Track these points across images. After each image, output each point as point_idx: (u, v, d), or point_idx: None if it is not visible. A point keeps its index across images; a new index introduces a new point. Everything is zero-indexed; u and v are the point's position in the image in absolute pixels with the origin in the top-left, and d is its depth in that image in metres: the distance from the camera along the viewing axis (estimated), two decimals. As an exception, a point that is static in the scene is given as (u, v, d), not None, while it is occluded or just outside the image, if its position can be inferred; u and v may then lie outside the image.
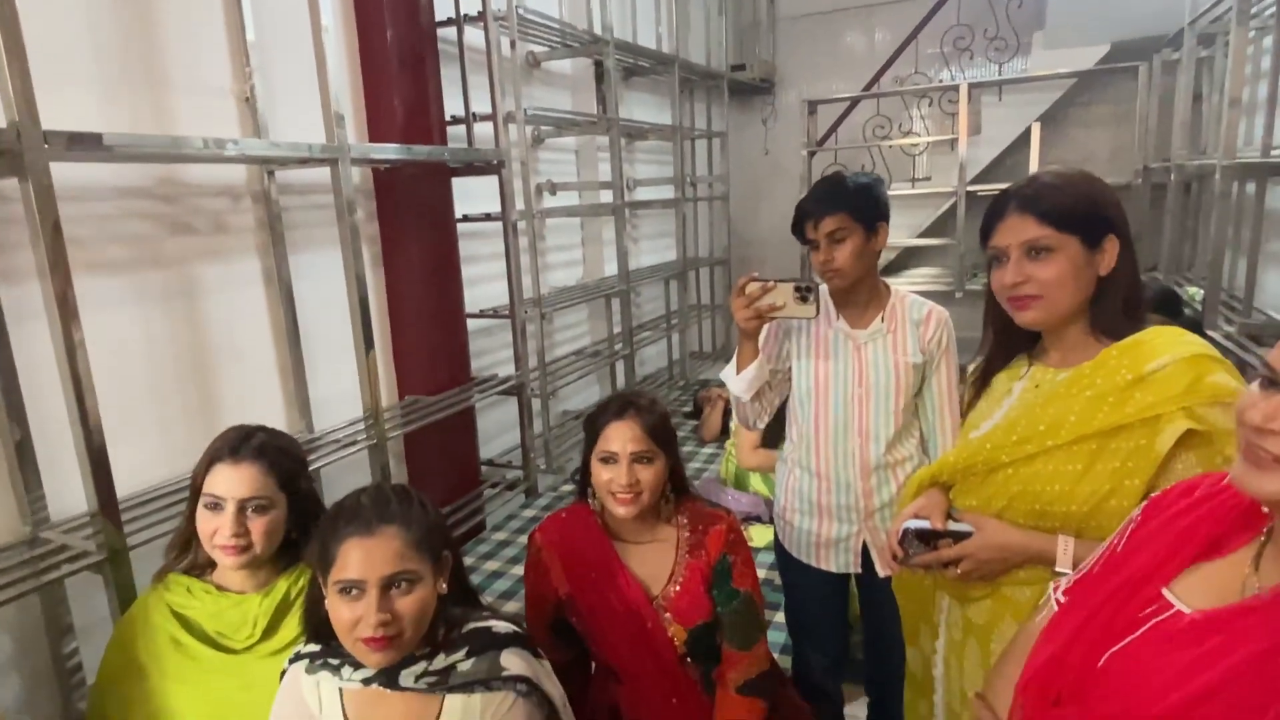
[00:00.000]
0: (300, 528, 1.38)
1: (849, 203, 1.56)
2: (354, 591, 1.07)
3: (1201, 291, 3.26)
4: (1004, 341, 1.28)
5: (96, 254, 2.06)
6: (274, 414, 2.58)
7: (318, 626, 1.16)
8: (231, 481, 1.30)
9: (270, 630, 1.35)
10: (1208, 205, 3.82)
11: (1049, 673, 0.85)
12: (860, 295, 1.64)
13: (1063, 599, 0.94)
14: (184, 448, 2.24)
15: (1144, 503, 0.93)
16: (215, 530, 1.30)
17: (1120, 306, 1.13)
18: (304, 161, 2.35)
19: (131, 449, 2.12)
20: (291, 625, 1.34)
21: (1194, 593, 0.79)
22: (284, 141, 2.24)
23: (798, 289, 1.52)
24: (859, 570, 1.70)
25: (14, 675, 1.93)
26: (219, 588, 1.38)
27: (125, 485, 2.03)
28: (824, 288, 1.64)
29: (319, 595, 1.13)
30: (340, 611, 1.08)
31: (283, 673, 1.20)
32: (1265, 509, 0.79)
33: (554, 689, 1.20)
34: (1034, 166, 4.78)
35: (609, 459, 1.42)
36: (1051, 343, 1.21)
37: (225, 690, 1.33)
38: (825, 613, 1.82)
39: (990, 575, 1.19)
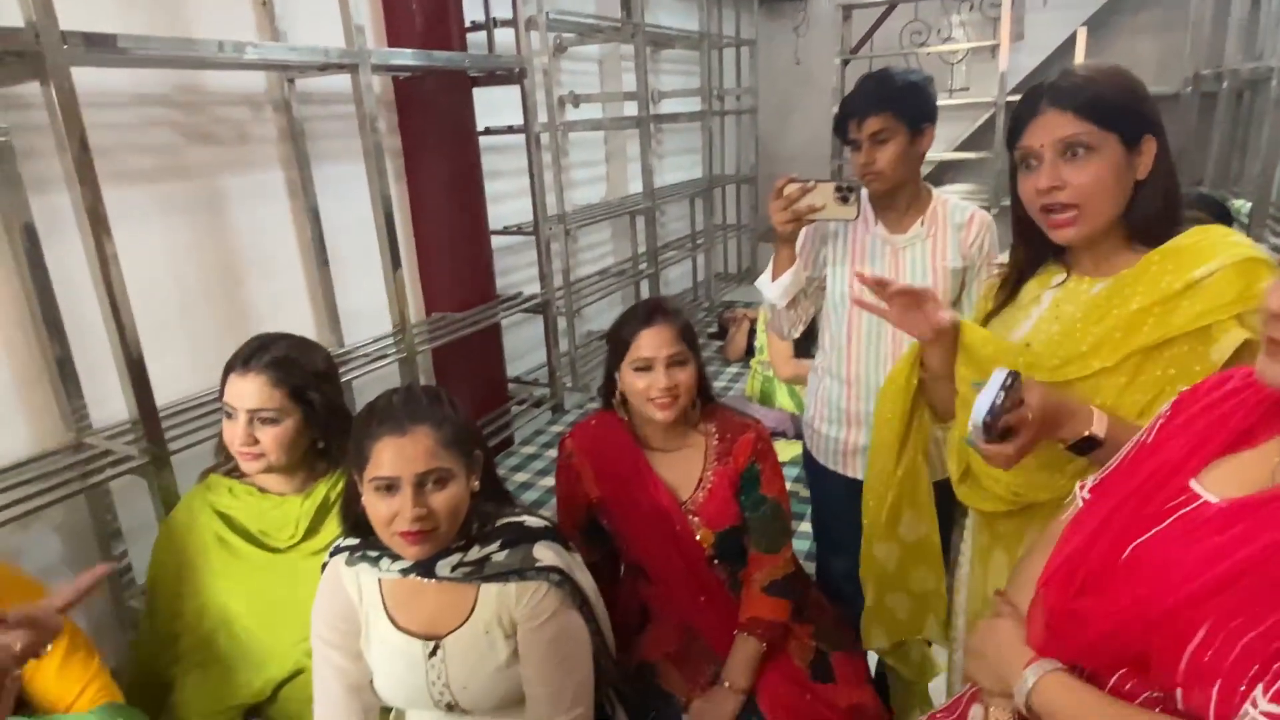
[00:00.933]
0: (327, 436, 1.40)
1: (895, 102, 1.49)
2: (390, 488, 1.09)
3: (1249, 205, 3.14)
4: (1033, 248, 1.18)
5: (120, 164, 2.05)
6: (304, 327, 2.60)
7: (355, 522, 1.19)
8: (241, 392, 1.32)
9: (312, 531, 1.40)
10: (1259, 114, 3.63)
11: (1072, 566, 0.84)
12: (901, 199, 1.58)
13: (1088, 495, 0.93)
14: (217, 359, 2.25)
15: (1174, 397, 0.90)
16: (232, 437, 1.34)
17: (1159, 212, 1.05)
18: (323, 68, 2.30)
19: (167, 361, 2.16)
20: (332, 527, 1.38)
21: (1222, 484, 0.78)
22: (304, 46, 2.18)
23: (838, 189, 1.47)
24: (886, 479, 1.70)
25: (67, 577, 2.02)
26: (260, 489, 1.41)
27: (162, 395, 2.07)
28: (864, 191, 1.58)
29: (355, 493, 1.16)
30: (377, 507, 1.10)
31: (323, 566, 1.24)
32: None
33: (585, 579, 1.24)
34: (1078, 76, 4.56)
35: (645, 366, 1.40)
36: (1086, 253, 1.12)
37: (270, 586, 1.38)
38: (851, 520, 1.82)
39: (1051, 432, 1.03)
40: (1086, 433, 1.01)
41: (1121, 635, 0.76)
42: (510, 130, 3.22)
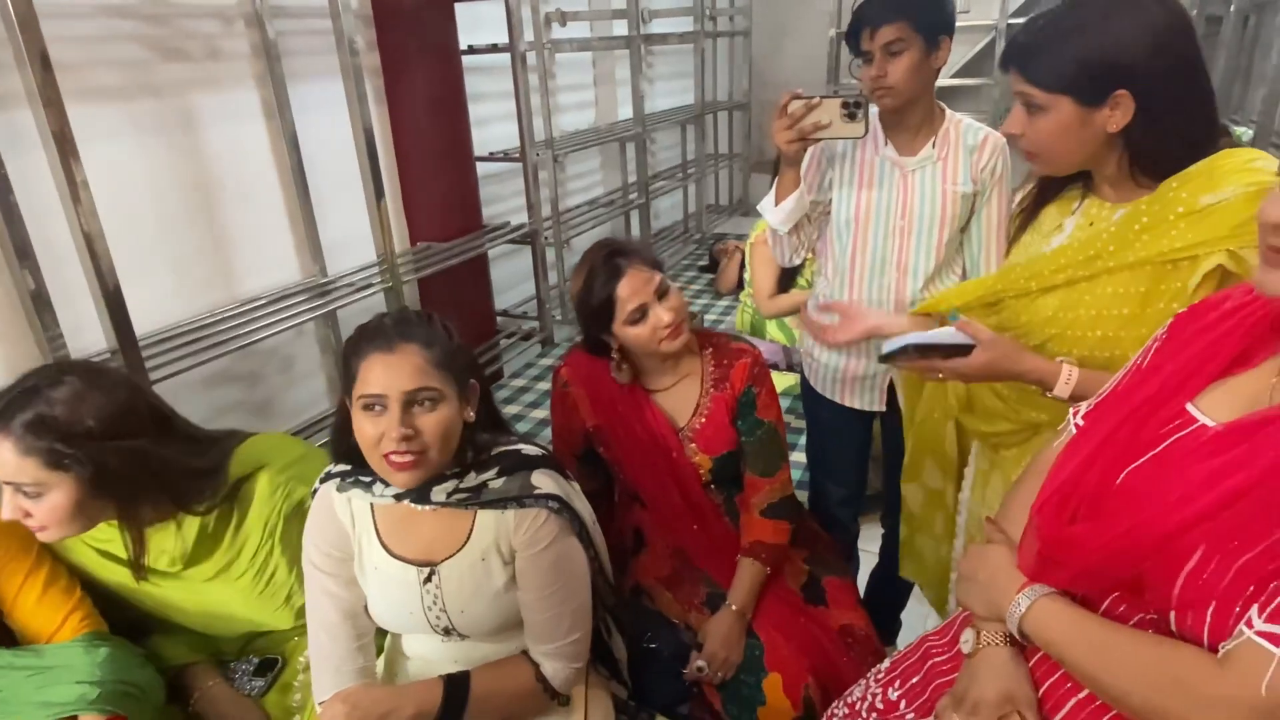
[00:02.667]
0: (131, 489, 1.16)
1: (911, 10, 1.39)
2: (377, 407, 1.06)
3: (1251, 132, 3.08)
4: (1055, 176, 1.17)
5: (85, 80, 1.95)
6: (286, 256, 2.54)
7: (346, 451, 1.16)
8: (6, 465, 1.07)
9: (193, 562, 1.27)
10: (1266, 40, 3.54)
11: (1066, 492, 0.84)
12: (912, 118, 1.50)
13: (1081, 422, 0.92)
14: (201, 286, 2.22)
15: (1170, 321, 0.88)
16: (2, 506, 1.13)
17: (1162, 154, 1.01)
18: (296, -22, 2.17)
19: (147, 287, 2.10)
20: (227, 553, 1.27)
21: (1219, 407, 0.77)
22: (274, -45, 2.06)
23: (845, 105, 1.39)
24: (884, 409, 1.69)
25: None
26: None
27: (145, 323, 2.02)
28: (874, 110, 1.51)
29: (345, 418, 1.13)
30: (364, 427, 1.07)
31: (313, 493, 1.22)
32: None
33: (584, 507, 1.23)
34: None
35: (638, 317, 1.37)
36: (1099, 178, 1.10)
37: (180, 600, 1.30)
38: (846, 448, 1.83)
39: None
40: (1049, 394, 1.02)
41: (1115, 560, 0.76)
42: (494, 49, 3.09)
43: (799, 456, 2.27)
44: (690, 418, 1.47)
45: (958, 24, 1.53)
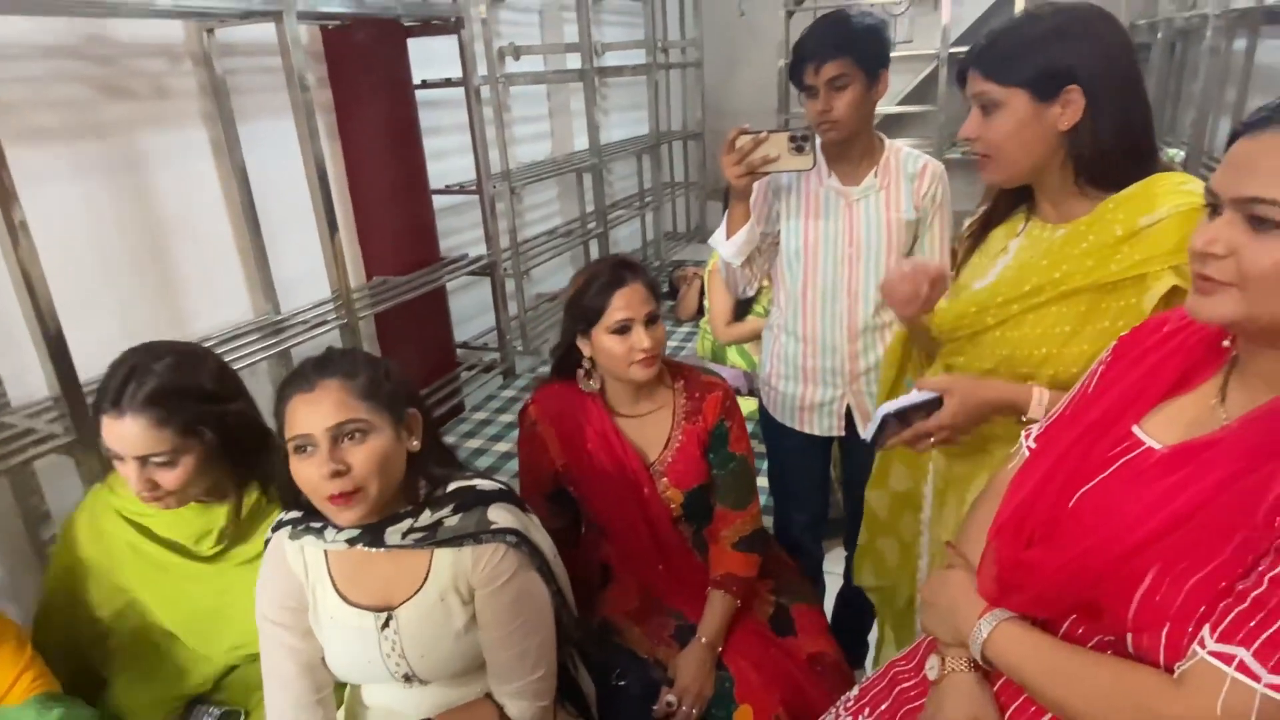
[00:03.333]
0: (242, 454, 1.22)
1: (854, 46, 1.45)
2: (308, 448, 1.04)
3: (1182, 154, 3.21)
4: (1006, 194, 1.21)
5: (26, 121, 1.90)
6: (237, 295, 2.49)
7: (295, 498, 1.14)
8: (120, 436, 1.11)
9: (238, 539, 1.28)
10: (1193, 64, 3.71)
11: (1021, 516, 0.85)
12: (855, 150, 1.56)
13: (1034, 445, 0.94)
14: (147, 327, 2.15)
15: (1114, 343, 0.91)
16: (127, 478, 1.16)
17: (1106, 158, 1.04)
18: (245, 16, 2.15)
19: (91, 331, 2.03)
20: (262, 535, 1.26)
21: (1164, 429, 0.80)
22: (221, -7, 2.04)
23: (792, 139, 1.43)
24: (843, 434, 1.71)
25: (-7, 562, 1.92)
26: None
27: (88, 368, 1.95)
28: (818, 141, 1.55)
29: (288, 468, 1.10)
30: (301, 471, 1.05)
31: (266, 543, 1.18)
32: (1226, 342, 0.78)
33: (543, 540, 1.21)
34: (1018, 27, 4.58)
35: (623, 328, 1.35)
36: (1043, 197, 1.14)
37: (196, 595, 1.28)
38: (808, 474, 1.84)
39: (969, 432, 1.16)
40: (1023, 418, 1.04)
41: (1071, 584, 0.77)
42: (448, 83, 3.10)
43: (763, 481, 2.28)
44: (661, 451, 1.46)
45: (902, 53, 1.59)
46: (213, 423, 1.16)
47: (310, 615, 1.16)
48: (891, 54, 1.55)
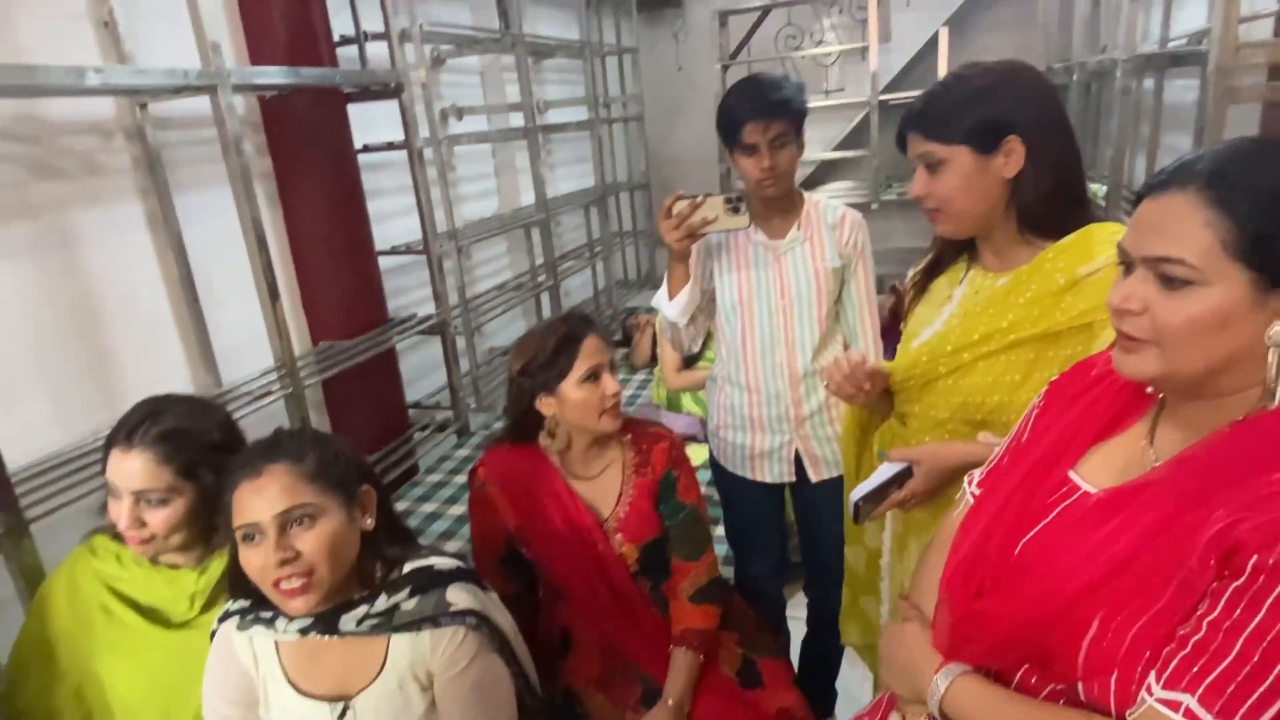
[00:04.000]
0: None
1: (789, 108, 1.52)
2: (255, 537, 1.02)
3: (1105, 188, 3.37)
4: (948, 244, 1.25)
5: (-52, 204, 1.85)
6: (176, 368, 2.42)
7: (244, 587, 1.10)
8: (124, 470, 1.18)
9: (210, 605, 1.26)
10: (1108, 103, 3.91)
11: (969, 566, 0.86)
12: (779, 204, 1.62)
13: (977, 491, 0.96)
14: (81, 411, 2.08)
15: (1045, 388, 0.94)
16: (117, 517, 1.20)
17: (1047, 204, 1.09)
18: (178, 91, 2.14)
19: (20, 416, 1.96)
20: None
21: (1099, 472, 0.81)
22: (154, 69, 2.03)
23: (728, 201, 1.48)
24: (793, 479, 1.73)
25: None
26: (152, 559, 1.27)
27: (17, 455, 1.88)
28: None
29: (236, 554, 1.07)
30: (248, 560, 1.03)
31: (212, 634, 1.14)
32: (1149, 388, 0.81)
33: (503, 619, 1.19)
34: (942, 72, 4.79)
35: (593, 375, 1.38)
36: (985, 245, 1.18)
37: (163, 664, 1.25)
38: (763, 522, 1.85)
39: (940, 492, 1.18)
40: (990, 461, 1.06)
41: (1021, 635, 0.78)
42: (391, 147, 3.11)
43: (719, 531, 2.27)
44: (614, 507, 1.46)
45: (835, 101, 1.67)
46: (211, 470, 1.19)
47: (261, 709, 1.11)
48: (824, 102, 1.62)
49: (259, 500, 1.02)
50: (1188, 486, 0.70)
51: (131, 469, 1.17)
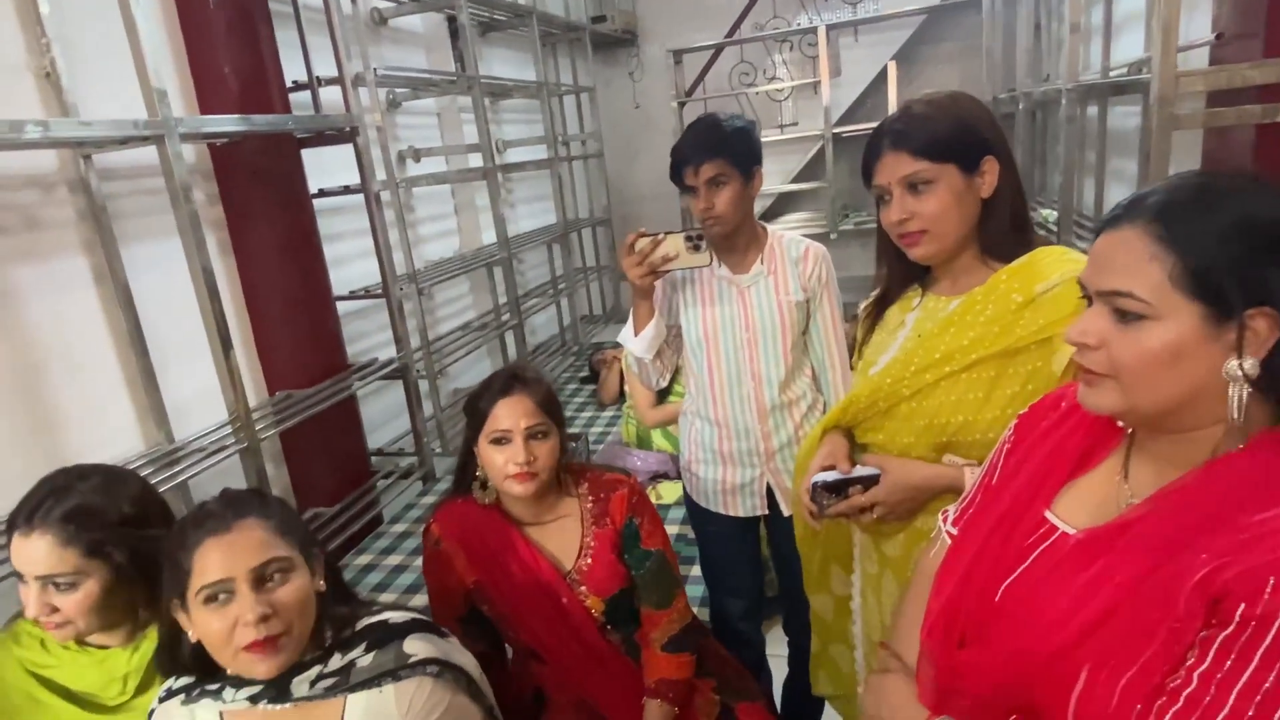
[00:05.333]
0: (150, 586, 1.15)
1: (727, 148, 1.52)
2: (221, 596, 0.97)
3: (1055, 214, 3.45)
4: (898, 274, 1.25)
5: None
6: (126, 426, 2.33)
7: (177, 663, 1.05)
8: (25, 557, 1.09)
9: (144, 687, 1.19)
10: (1054, 131, 4.03)
11: (950, 615, 0.84)
12: (740, 240, 1.62)
13: (954, 531, 0.94)
14: (18, 477, 1.97)
15: (1014, 422, 0.93)
16: (27, 604, 1.11)
17: (1008, 226, 1.12)
18: (124, 141, 2.09)
19: (-46, 485, 1.86)
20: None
21: (1075, 511, 0.80)
22: (98, 120, 1.97)
23: (689, 238, 1.48)
24: (765, 512, 1.71)
25: None
26: (79, 641, 1.19)
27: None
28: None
29: (175, 631, 1.02)
30: (210, 625, 0.97)
31: (150, 714, 1.07)
32: (1120, 421, 0.80)
33: (466, 660, 1.14)
34: (892, 105, 4.91)
35: (502, 439, 1.34)
36: (943, 271, 1.19)
37: None
38: (738, 558, 1.82)
39: (905, 515, 1.18)
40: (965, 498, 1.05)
41: (1007, 688, 0.76)
42: (347, 190, 3.07)
43: (695, 570, 2.23)
44: (576, 559, 1.41)
45: (790, 135, 1.68)
46: (124, 547, 1.13)
47: None
48: (779, 136, 1.63)
49: (231, 555, 0.97)
50: (1167, 530, 0.69)
51: (34, 554, 1.09)
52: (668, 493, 2.89)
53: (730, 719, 1.46)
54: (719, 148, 1.51)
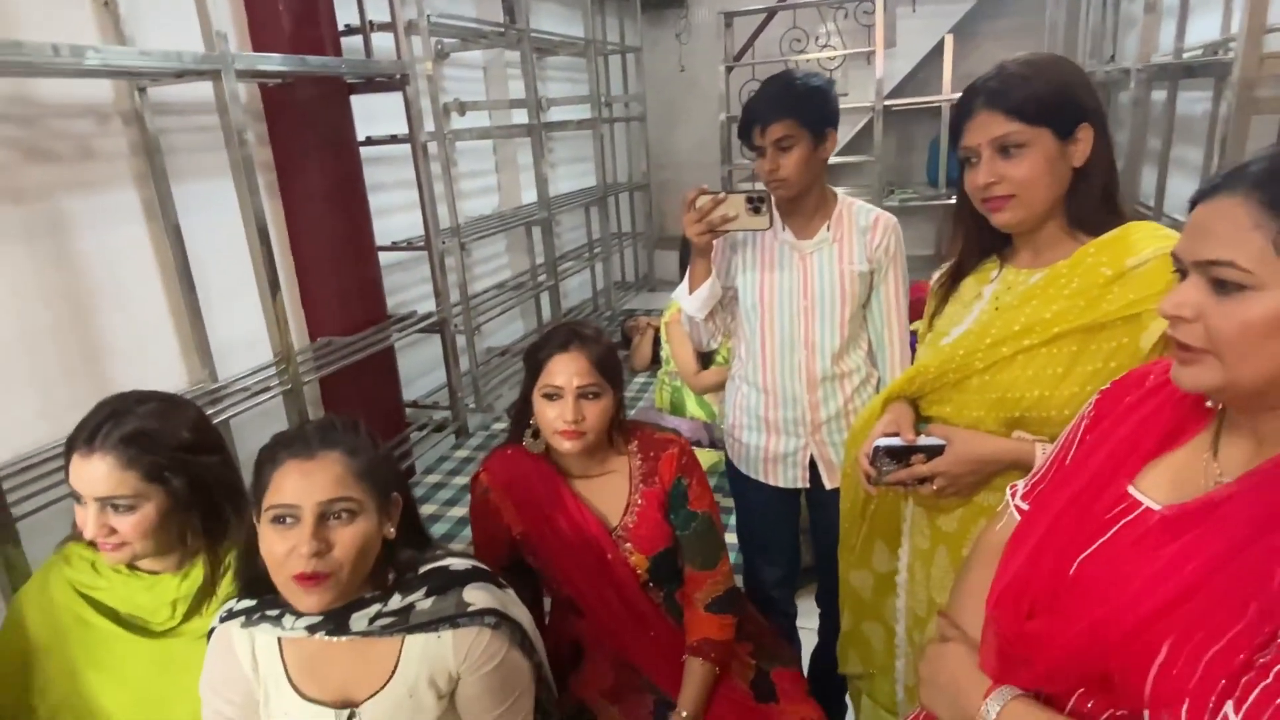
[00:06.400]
0: (205, 513, 1.19)
1: (797, 108, 1.47)
2: (288, 520, 0.97)
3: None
4: (975, 242, 1.21)
5: (-64, 186, 1.78)
6: (170, 362, 2.36)
7: (252, 579, 1.05)
8: (85, 477, 1.10)
9: (192, 613, 1.20)
10: (1118, 115, 3.90)
11: (1020, 586, 0.82)
12: (807, 205, 1.57)
13: (1024, 506, 0.92)
14: (69, 404, 2.01)
15: (1095, 397, 0.90)
16: (84, 525, 1.12)
17: (1098, 199, 1.08)
18: (180, 75, 2.07)
19: (7, 411, 1.89)
20: (217, 607, 1.18)
21: (1160, 487, 0.77)
22: (155, 51, 1.96)
23: (749, 200, 1.45)
24: (807, 485, 1.69)
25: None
26: (130, 565, 1.20)
27: (3, 452, 1.82)
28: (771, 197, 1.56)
29: (253, 539, 1.02)
30: (272, 544, 0.98)
31: (209, 633, 1.09)
32: (1209, 402, 0.78)
33: (522, 614, 1.15)
34: (947, 80, 4.78)
35: (554, 394, 1.33)
36: (1025, 242, 1.15)
37: (145, 676, 1.19)
38: (776, 527, 1.81)
39: (966, 490, 1.16)
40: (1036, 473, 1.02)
41: (1080, 658, 0.74)
42: (394, 140, 3.05)
43: (731, 537, 2.22)
44: (622, 516, 1.40)
45: (840, 106, 1.62)
46: (182, 472, 1.14)
47: (261, 712, 1.07)
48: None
49: (306, 483, 0.98)
50: (1258, 509, 0.67)
51: (94, 474, 1.09)
52: (700, 461, 2.88)
53: (766, 683, 1.46)
54: (789, 107, 1.46)
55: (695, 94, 6.07)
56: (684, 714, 1.33)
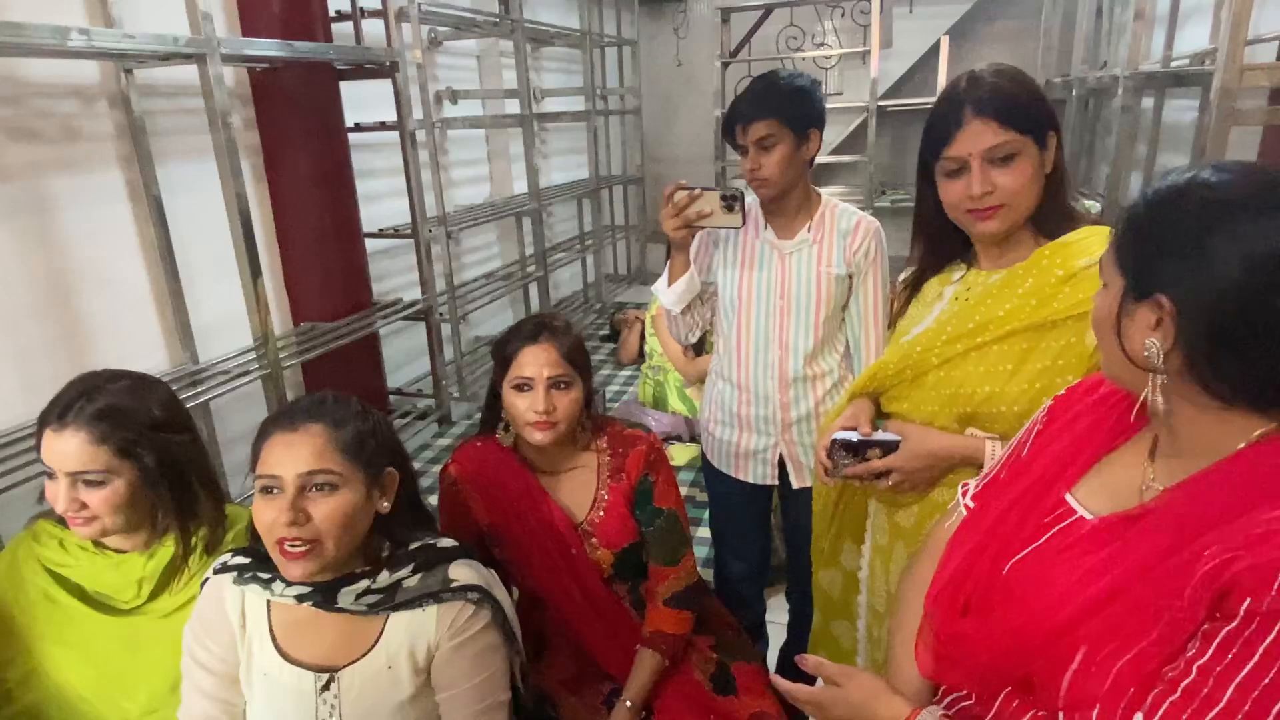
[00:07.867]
0: (173, 491, 1.19)
1: (780, 107, 1.47)
2: (274, 490, 1.00)
3: (1098, 205, 3.37)
4: (936, 249, 1.23)
5: (-83, 162, 1.79)
6: (151, 343, 2.37)
7: (257, 542, 1.07)
8: (57, 451, 1.11)
9: (158, 592, 1.21)
10: (1105, 120, 3.92)
11: (957, 584, 0.84)
12: (789, 204, 1.57)
13: (972, 504, 0.93)
14: (48, 381, 2.01)
15: (1049, 402, 0.92)
16: (54, 499, 1.14)
17: (1060, 204, 1.10)
18: (166, 58, 2.08)
19: (-16, 386, 1.91)
20: (187, 588, 1.21)
21: (1096, 497, 0.79)
22: (142, 33, 1.96)
23: (723, 198, 1.46)
24: (776, 482, 1.70)
25: None
26: (97, 543, 1.21)
27: (-20, 425, 1.83)
28: (754, 196, 1.57)
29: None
30: (260, 512, 1.00)
31: (204, 581, 1.11)
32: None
33: (503, 595, 1.17)
34: (942, 81, 4.79)
35: (523, 386, 1.34)
36: (990, 246, 1.17)
37: (110, 652, 1.20)
38: (746, 522, 1.82)
39: (922, 485, 1.18)
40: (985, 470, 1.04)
41: (1004, 660, 0.76)
42: (383, 127, 3.05)
43: (706, 532, 2.24)
44: (589, 511, 1.42)
45: (833, 105, 1.63)
46: (152, 449, 1.15)
47: (241, 669, 1.09)
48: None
49: (287, 455, 1.00)
50: (1182, 519, 0.68)
51: (65, 449, 1.10)
52: (679, 455, 2.91)
53: (726, 676, 1.48)
54: (772, 107, 1.47)
55: (691, 89, 6.07)
56: (628, 703, 1.35)
